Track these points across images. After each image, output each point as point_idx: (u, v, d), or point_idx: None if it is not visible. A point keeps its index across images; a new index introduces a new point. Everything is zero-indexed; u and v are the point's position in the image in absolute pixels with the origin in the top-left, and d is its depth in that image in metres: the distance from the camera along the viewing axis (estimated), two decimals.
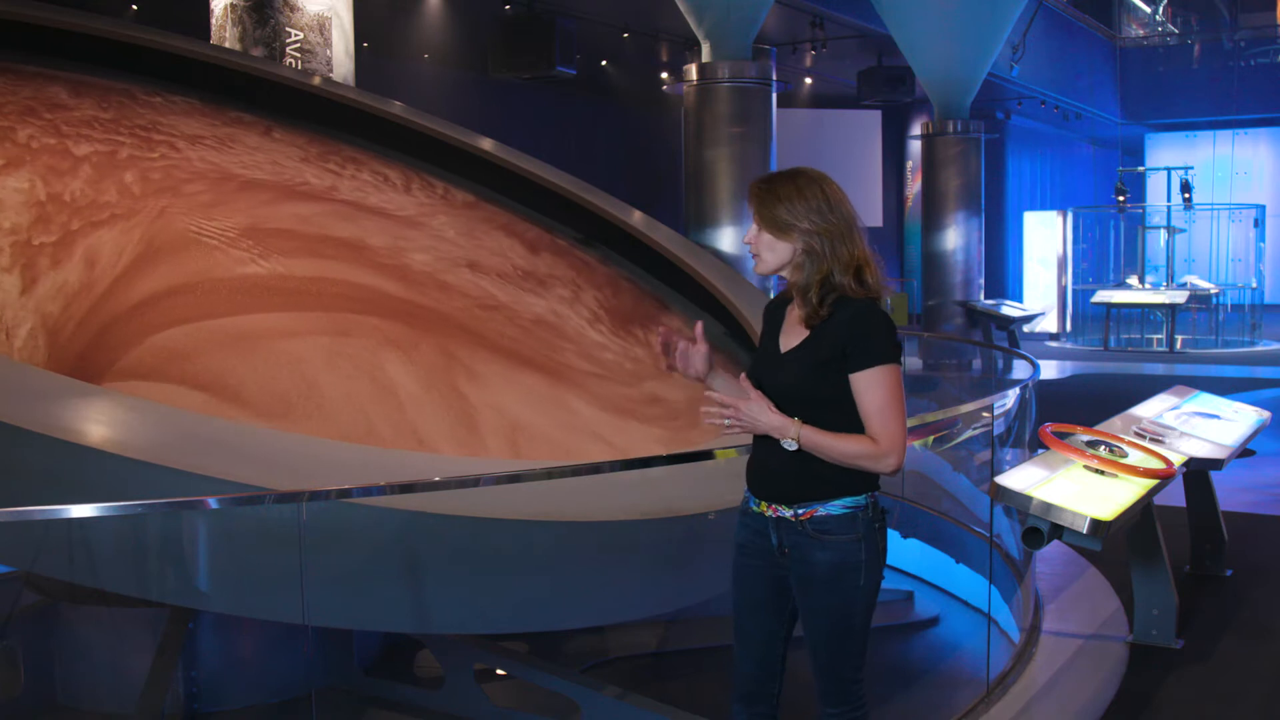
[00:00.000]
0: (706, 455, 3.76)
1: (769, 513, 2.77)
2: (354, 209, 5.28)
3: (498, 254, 5.45)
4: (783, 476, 2.73)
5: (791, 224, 2.70)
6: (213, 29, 7.40)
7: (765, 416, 2.66)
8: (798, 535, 2.73)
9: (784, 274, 2.78)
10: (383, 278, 4.73)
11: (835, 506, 2.71)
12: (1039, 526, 4.11)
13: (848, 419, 2.69)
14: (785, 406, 2.68)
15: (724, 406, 2.67)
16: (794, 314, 2.80)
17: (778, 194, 2.72)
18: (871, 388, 2.67)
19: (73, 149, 4.87)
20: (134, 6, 12.60)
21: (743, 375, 2.72)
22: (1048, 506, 4.10)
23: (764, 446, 2.76)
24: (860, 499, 2.73)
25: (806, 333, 2.73)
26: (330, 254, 4.76)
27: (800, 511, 2.72)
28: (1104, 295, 17.87)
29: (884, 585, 2.82)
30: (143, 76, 5.94)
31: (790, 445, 2.66)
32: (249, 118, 5.97)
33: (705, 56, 11.04)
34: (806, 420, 2.66)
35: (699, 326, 2.90)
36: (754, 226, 2.77)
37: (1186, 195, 18.17)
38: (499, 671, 4.45)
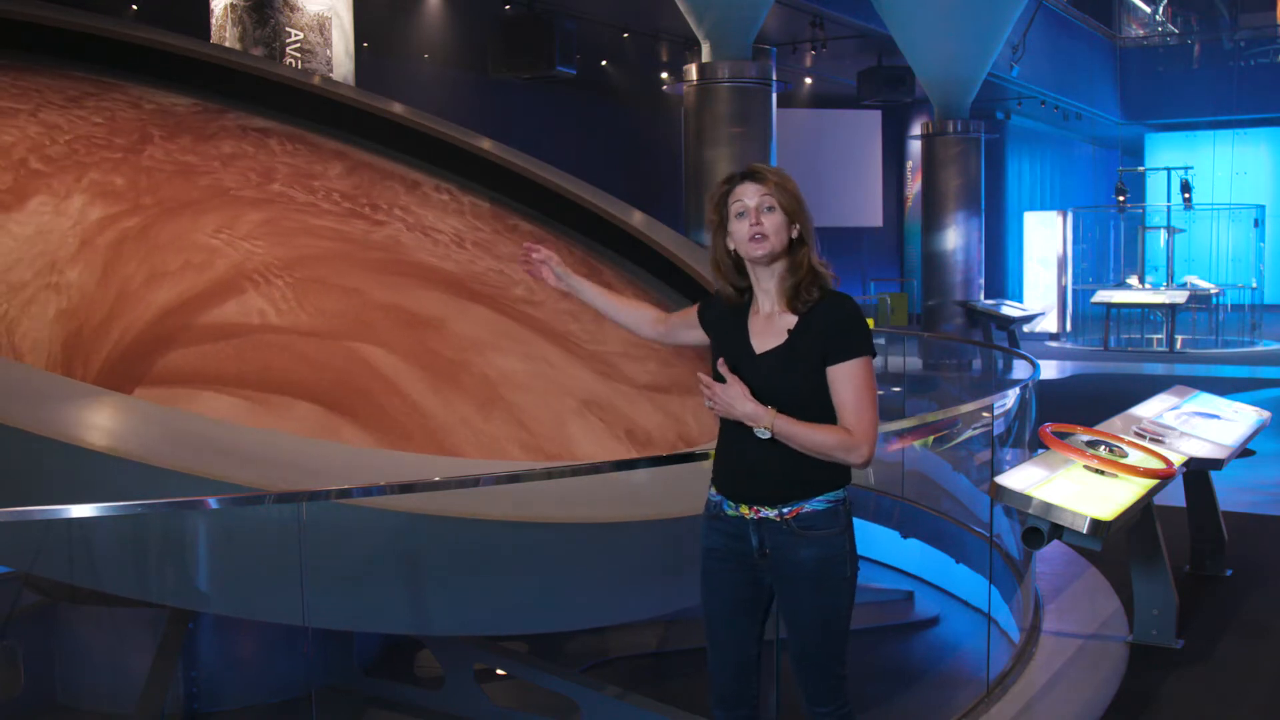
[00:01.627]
0: (703, 456, 3.76)
1: (749, 514, 2.76)
2: (499, 312, 4.78)
3: (655, 417, 4.67)
4: (766, 477, 2.73)
5: (803, 203, 2.74)
6: (213, 29, 7.40)
7: (741, 404, 2.66)
8: (782, 534, 2.73)
9: (773, 264, 2.74)
10: (394, 355, 4.27)
11: (819, 502, 2.72)
12: (1039, 526, 4.11)
13: (822, 412, 2.71)
14: (778, 405, 2.67)
15: (708, 386, 2.69)
16: (760, 315, 2.79)
17: (786, 175, 2.76)
18: (849, 380, 2.68)
19: (238, 193, 4.88)
20: (134, 6, 12.60)
21: (720, 361, 2.72)
22: (1048, 506, 4.10)
23: (739, 449, 2.74)
24: (840, 493, 2.76)
25: (784, 334, 2.73)
26: (358, 319, 4.42)
27: (786, 510, 2.72)
28: (1104, 295, 17.87)
29: (884, 585, 2.84)
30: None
31: (763, 434, 2.66)
32: (526, 226, 5.85)
33: (705, 56, 11.04)
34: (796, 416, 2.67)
35: (543, 249, 3.12)
36: (755, 209, 2.71)
37: (1186, 195, 18.18)
38: (499, 671, 4.45)
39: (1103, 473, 4.52)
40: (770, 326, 2.75)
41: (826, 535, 2.72)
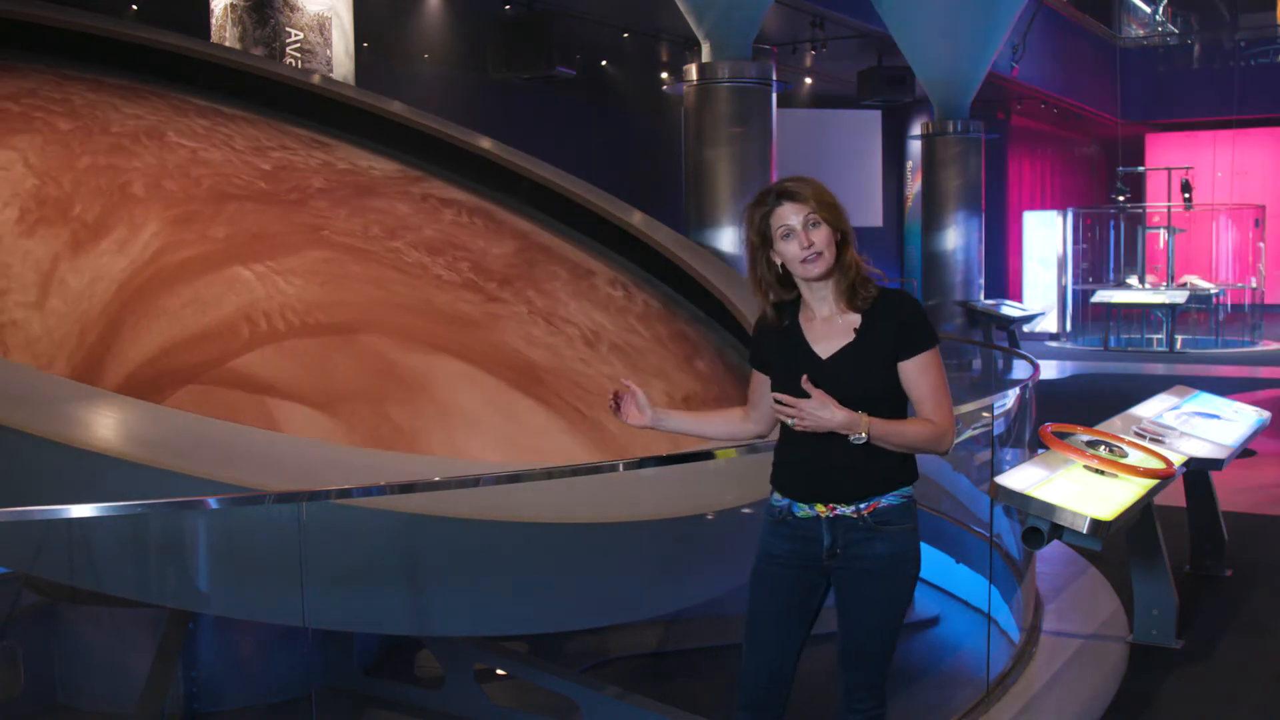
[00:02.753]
0: (705, 456, 3.75)
1: (825, 513, 2.76)
2: (524, 392, 4.46)
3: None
4: (845, 474, 2.73)
5: (840, 208, 2.74)
6: (213, 29, 7.40)
7: (833, 414, 2.64)
8: (857, 531, 2.74)
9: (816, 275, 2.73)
10: (322, 415, 3.99)
11: (894, 497, 2.76)
12: (1039, 526, 4.11)
13: (893, 409, 2.73)
14: (853, 407, 2.68)
15: (789, 406, 2.66)
16: (816, 320, 2.78)
17: (816, 183, 2.74)
18: (924, 372, 2.73)
19: (331, 238, 4.74)
20: (134, 6, 12.59)
21: (804, 377, 2.68)
22: (1048, 506, 4.10)
23: (814, 449, 2.73)
24: (910, 489, 2.79)
25: (849, 333, 2.74)
26: (321, 372, 4.16)
27: (863, 506, 2.73)
28: (1104, 295, 17.86)
29: None
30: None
31: (860, 439, 2.66)
32: (692, 331, 5.51)
33: (705, 56, 11.02)
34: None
35: (634, 385, 2.92)
36: (802, 228, 2.69)
37: (1186, 195, 18.16)
38: (499, 671, 4.45)
39: (1103, 473, 4.52)
40: (831, 328, 2.76)
41: (900, 530, 2.76)
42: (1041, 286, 19.70)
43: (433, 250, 5.11)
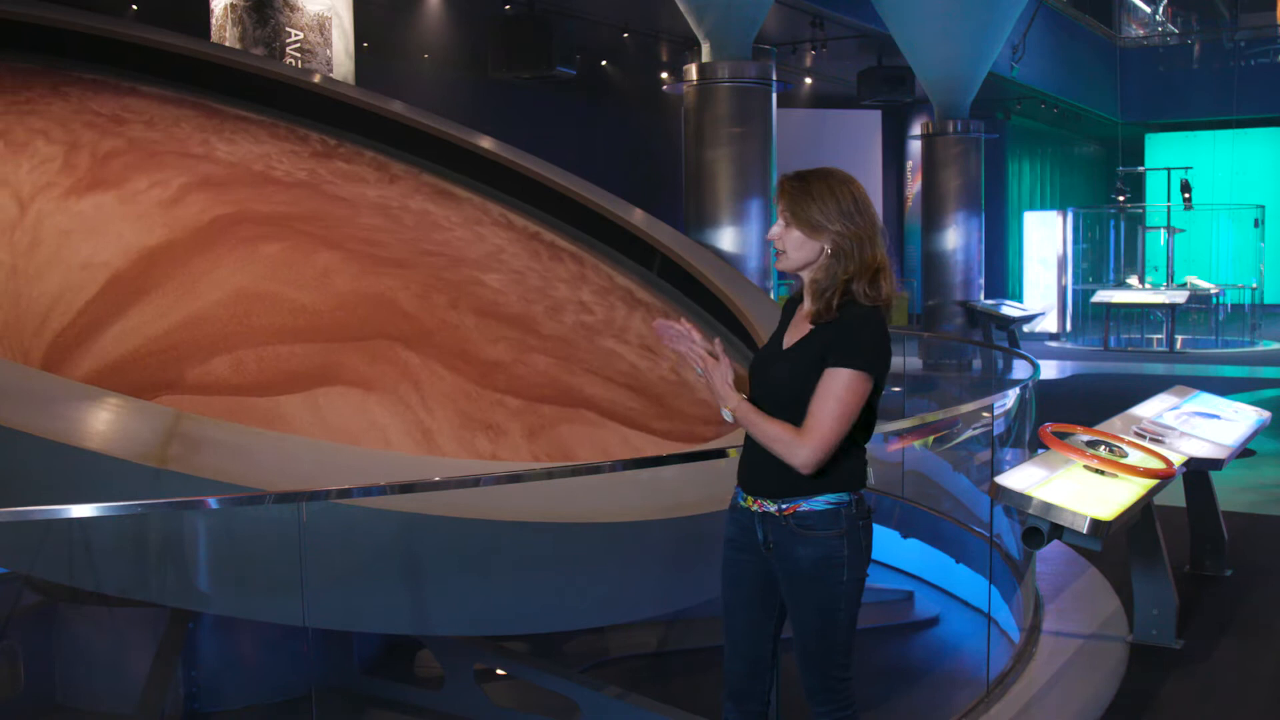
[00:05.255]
0: (716, 454, 3.75)
1: (755, 507, 2.79)
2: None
3: None
4: (767, 471, 2.75)
5: (824, 225, 2.70)
6: (213, 29, 7.40)
7: (716, 382, 2.72)
8: (782, 530, 2.75)
9: (803, 272, 2.77)
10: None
11: (818, 502, 2.72)
12: (1039, 526, 4.11)
13: None
14: (778, 401, 2.71)
15: (701, 359, 2.73)
16: (802, 311, 2.82)
17: (811, 193, 2.71)
18: (826, 384, 2.67)
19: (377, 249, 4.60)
20: (134, 6, 12.60)
21: (717, 340, 2.78)
22: (1048, 506, 4.10)
23: (750, 441, 2.79)
24: (844, 495, 2.74)
25: (808, 330, 2.75)
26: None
27: (784, 506, 2.74)
28: (1104, 295, 17.86)
29: (884, 585, 2.84)
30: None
31: (727, 416, 2.74)
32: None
33: (705, 56, 11.03)
34: (793, 417, 2.67)
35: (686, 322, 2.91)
36: (780, 222, 2.75)
37: (1186, 195, 18.17)
38: (499, 671, 4.45)
39: (1103, 473, 4.52)
40: (804, 322, 2.79)
41: (825, 537, 2.72)
42: (1041, 286, 19.71)
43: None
